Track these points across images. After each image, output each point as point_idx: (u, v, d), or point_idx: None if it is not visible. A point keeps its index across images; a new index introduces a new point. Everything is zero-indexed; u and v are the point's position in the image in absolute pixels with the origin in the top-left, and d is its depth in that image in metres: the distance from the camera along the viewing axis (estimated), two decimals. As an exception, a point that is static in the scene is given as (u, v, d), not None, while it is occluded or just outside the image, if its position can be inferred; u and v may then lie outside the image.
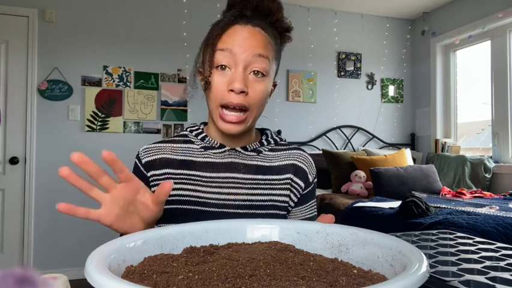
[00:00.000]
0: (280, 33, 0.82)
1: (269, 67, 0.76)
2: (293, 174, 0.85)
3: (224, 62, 0.74)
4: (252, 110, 0.76)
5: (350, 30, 4.10)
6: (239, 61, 0.74)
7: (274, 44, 0.78)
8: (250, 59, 0.74)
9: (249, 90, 0.74)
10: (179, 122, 3.50)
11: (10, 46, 3.10)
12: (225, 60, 0.74)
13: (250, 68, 0.74)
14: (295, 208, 0.87)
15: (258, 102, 0.76)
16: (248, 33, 0.75)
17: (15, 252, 3.08)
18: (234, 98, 0.73)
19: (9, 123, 3.09)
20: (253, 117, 0.78)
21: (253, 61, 0.74)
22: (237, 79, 0.73)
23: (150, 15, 3.45)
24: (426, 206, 2.21)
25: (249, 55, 0.74)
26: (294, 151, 0.88)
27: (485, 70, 3.56)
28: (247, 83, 0.74)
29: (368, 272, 0.45)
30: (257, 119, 0.80)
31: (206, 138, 0.84)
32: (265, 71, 0.75)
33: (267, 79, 0.77)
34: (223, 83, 0.74)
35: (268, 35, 0.77)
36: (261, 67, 0.74)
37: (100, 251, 0.44)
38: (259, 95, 0.75)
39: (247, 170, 0.82)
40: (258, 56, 0.74)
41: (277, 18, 0.80)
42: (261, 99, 0.77)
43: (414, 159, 3.94)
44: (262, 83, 0.76)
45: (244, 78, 0.73)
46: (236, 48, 0.74)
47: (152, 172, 0.81)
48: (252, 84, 0.75)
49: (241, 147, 0.83)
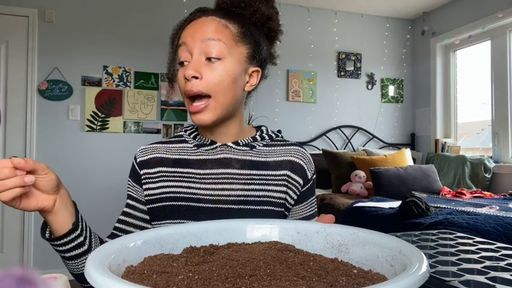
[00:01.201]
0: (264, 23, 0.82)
1: (225, 49, 0.75)
2: (290, 170, 0.84)
3: (182, 58, 0.76)
4: (215, 95, 0.75)
5: (350, 30, 4.09)
6: (193, 50, 0.75)
7: (234, 28, 0.77)
8: (201, 45, 0.74)
9: (204, 75, 0.74)
10: (179, 122, 3.50)
11: (10, 46, 3.10)
12: (183, 54, 0.76)
13: (204, 54, 0.75)
14: (295, 206, 0.86)
15: (217, 86, 0.74)
16: (200, 23, 0.77)
17: (15, 252, 3.08)
18: (188, 85, 0.74)
19: (9, 123, 3.09)
20: (220, 104, 0.76)
21: (204, 46, 0.74)
22: (188, 66, 0.74)
23: (150, 15, 3.45)
24: (426, 206, 2.21)
25: (199, 41, 0.74)
26: (291, 147, 0.87)
27: (485, 70, 3.56)
28: (200, 69, 0.74)
29: (368, 272, 0.45)
30: (230, 106, 0.78)
31: (198, 136, 0.85)
32: (220, 54, 0.74)
33: (225, 62, 0.75)
34: (182, 75, 0.76)
35: (224, 20, 0.77)
36: (214, 51, 0.74)
37: (100, 251, 0.44)
38: (216, 78, 0.74)
39: (240, 165, 0.82)
40: (208, 40, 0.74)
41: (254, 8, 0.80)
42: (221, 83, 0.74)
43: (414, 159, 3.94)
44: (219, 66, 0.74)
45: (195, 64, 0.74)
46: (188, 39, 0.75)
47: (145, 170, 0.83)
48: (206, 69, 0.74)
49: (233, 142, 0.83)
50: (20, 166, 0.58)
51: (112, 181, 3.18)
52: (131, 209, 0.85)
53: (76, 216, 0.71)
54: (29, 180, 0.59)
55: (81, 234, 0.71)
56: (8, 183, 0.56)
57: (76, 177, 3.16)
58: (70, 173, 3.15)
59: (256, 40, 0.81)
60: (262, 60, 0.83)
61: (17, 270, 0.22)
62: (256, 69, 0.82)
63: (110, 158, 3.28)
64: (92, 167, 3.23)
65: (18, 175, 0.57)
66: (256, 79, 0.83)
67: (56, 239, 0.69)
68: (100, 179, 3.25)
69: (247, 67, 0.80)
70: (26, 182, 0.58)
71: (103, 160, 3.26)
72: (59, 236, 0.69)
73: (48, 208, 0.65)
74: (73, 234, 0.70)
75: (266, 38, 0.85)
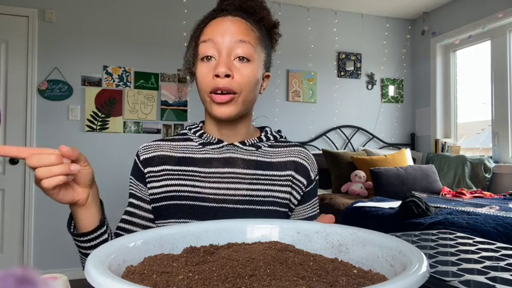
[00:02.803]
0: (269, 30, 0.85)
1: (253, 52, 0.77)
2: (294, 171, 0.85)
3: (208, 53, 0.76)
4: (241, 93, 0.77)
5: (350, 30, 4.09)
6: (222, 48, 0.76)
7: (257, 32, 0.80)
8: (232, 45, 0.76)
9: (235, 74, 0.75)
10: (179, 122, 3.50)
11: (10, 46, 3.10)
12: (209, 50, 0.76)
13: (234, 54, 0.76)
14: (298, 206, 0.87)
15: (245, 86, 0.76)
16: (228, 21, 0.78)
17: (15, 252, 3.08)
18: (220, 82, 0.75)
19: (9, 123, 3.09)
20: (243, 100, 0.78)
21: (235, 47, 0.76)
22: (221, 64, 0.74)
23: (150, 15, 3.45)
24: (426, 206, 2.21)
25: (231, 41, 0.76)
26: (294, 148, 0.88)
27: (485, 70, 3.56)
28: (231, 67, 0.75)
29: (368, 272, 0.45)
30: (248, 105, 0.80)
31: (204, 134, 0.85)
32: (249, 56, 0.76)
33: (253, 64, 0.77)
34: (209, 71, 0.76)
35: (249, 23, 0.79)
36: (244, 52, 0.76)
37: (100, 251, 0.44)
38: (245, 79, 0.76)
39: (246, 165, 0.82)
40: (239, 41, 0.76)
41: (262, 15, 0.82)
42: (249, 83, 0.77)
43: (414, 159, 3.94)
44: (247, 67, 0.76)
45: (228, 63, 0.75)
46: (218, 37, 0.76)
47: (149, 168, 0.82)
48: (237, 68, 0.76)
49: (240, 142, 0.84)
50: (67, 154, 0.58)
51: (112, 181, 3.18)
52: (135, 209, 0.84)
53: (103, 213, 0.72)
54: (75, 169, 0.59)
55: (106, 231, 0.72)
56: (54, 170, 0.56)
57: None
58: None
59: (268, 46, 0.84)
60: (269, 65, 0.86)
61: (17, 270, 0.22)
62: (268, 74, 0.86)
63: (110, 158, 3.28)
64: (92, 167, 3.22)
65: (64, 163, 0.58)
66: (266, 83, 0.86)
67: (84, 234, 0.69)
68: (100, 179, 3.23)
69: (263, 71, 0.83)
70: (72, 170, 0.58)
71: (103, 160, 3.26)
72: (87, 232, 0.69)
73: (82, 201, 0.66)
74: (99, 231, 0.70)
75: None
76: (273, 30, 0.86)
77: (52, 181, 0.56)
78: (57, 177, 0.57)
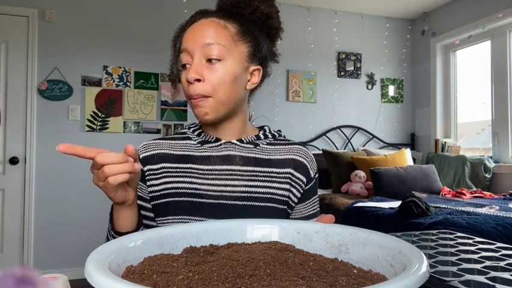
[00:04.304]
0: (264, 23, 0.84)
1: (224, 51, 0.77)
2: (293, 169, 0.85)
3: (184, 61, 0.79)
4: (216, 94, 0.77)
5: (350, 30, 4.09)
6: (194, 54, 0.77)
7: (234, 28, 0.79)
8: (202, 50, 0.76)
9: (206, 77, 0.76)
10: (179, 122, 3.50)
11: (10, 46, 3.10)
12: (185, 58, 0.79)
13: (205, 57, 0.77)
14: (298, 204, 0.87)
15: (219, 86, 0.76)
16: (198, 26, 0.78)
17: (15, 252, 3.08)
18: (192, 89, 0.76)
19: (9, 123, 3.09)
20: (220, 101, 0.77)
21: (204, 51, 0.76)
22: (190, 70, 0.76)
23: (150, 15, 3.45)
24: (426, 206, 2.21)
25: (200, 46, 0.76)
26: (293, 146, 0.88)
27: (485, 70, 3.56)
28: (201, 71, 0.76)
29: (368, 272, 0.45)
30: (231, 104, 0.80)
31: (202, 133, 0.86)
32: (219, 56, 0.76)
33: (226, 62, 0.77)
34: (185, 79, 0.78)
35: (223, 20, 0.79)
36: (213, 53, 0.76)
37: (100, 251, 0.44)
38: (217, 79, 0.76)
39: (244, 162, 0.83)
40: (207, 45, 0.76)
41: (254, 7, 0.82)
42: (222, 83, 0.77)
43: (414, 159, 3.94)
44: (219, 67, 0.76)
45: (197, 67, 0.76)
46: (189, 44, 0.78)
47: (148, 167, 0.83)
48: (208, 71, 0.76)
49: (237, 139, 0.84)
50: (134, 154, 0.61)
51: (112, 181, 3.18)
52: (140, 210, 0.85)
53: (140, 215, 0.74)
54: (138, 168, 0.62)
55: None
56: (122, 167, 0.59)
57: (76, 177, 3.16)
58: (70, 173, 3.15)
59: (257, 38, 0.82)
60: (263, 58, 0.84)
61: (17, 270, 0.22)
62: (258, 68, 0.83)
63: (110, 158, 3.28)
64: (92, 167, 3.22)
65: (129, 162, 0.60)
66: (257, 77, 0.84)
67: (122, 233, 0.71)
68: (100, 179, 3.25)
69: (248, 66, 0.81)
70: (136, 168, 0.61)
71: (103, 160, 3.26)
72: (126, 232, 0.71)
73: (130, 201, 0.68)
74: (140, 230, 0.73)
75: (267, 36, 0.86)
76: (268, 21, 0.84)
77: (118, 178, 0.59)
78: (124, 175, 0.59)
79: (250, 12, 0.81)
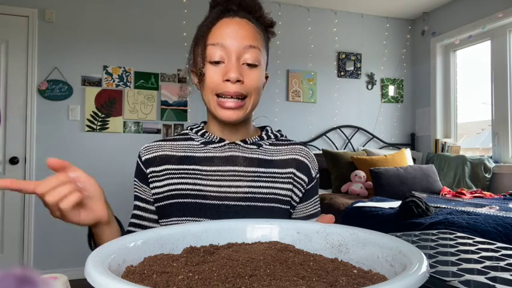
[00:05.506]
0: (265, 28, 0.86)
1: (260, 57, 0.79)
2: (295, 169, 0.85)
3: (217, 57, 0.77)
4: (250, 97, 0.79)
5: (350, 30, 4.09)
6: (231, 53, 0.76)
7: (262, 35, 0.81)
8: (242, 50, 0.76)
9: (244, 79, 0.77)
10: (179, 122, 3.50)
11: (10, 46, 3.10)
12: (218, 54, 0.76)
13: (243, 59, 0.77)
14: (300, 204, 0.87)
15: (254, 90, 0.79)
16: (236, 24, 0.78)
17: (15, 252, 3.08)
18: (231, 87, 0.76)
19: (9, 123, 3.09)
20: (251, 105, 0.80)
21: (244, 52, 0.77)
22: (232, 69, 0.75)
23: (150, 15, 3.45)
24: (426, 206, 2.21)
25: (240, 46, 0.76)
26: (295, 146, 0.89)
27: (485, 70, 3.56)
28: (242, 72, 0.76)
29: (368, 272, 0.45)
30: (254, 108, 0.82)
31: (206, 134, 0.85)
32: (257, 61, 0.78)
33: (260, 68, 0.79)
34: (218, 75, 0.77)
35: (255, 26, 0.80)
36: (253, 57, 0.77)
37: (100, 251, 0.44)
38: (254, 83, 0.78)
39: (248, 163, 0.83)
40: (249, 47, 0.77)
41: (259, 14, 0.83)
42: (257, 87, 0.79)
43: (414, 159, 3.94)
44: (255, 72, 0.78)
45: (238, 67, 0.76)
46: (227, 40, 0.76)
47: (151, 169, 0.83)
48: (246, 73, 0.77)
49: (241, 140, 0.85)
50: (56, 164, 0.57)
51: (112, 181, 3.18)
52: (143, 212, 0.84)
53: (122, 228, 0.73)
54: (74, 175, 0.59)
55: None
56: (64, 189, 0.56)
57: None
58: (70, 173, 3.15)
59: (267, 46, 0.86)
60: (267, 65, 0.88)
61: (17, 270, 0.22)
62: (267, 75, 0.88)
63: (110, 158, 3.28)
64: (92, 167, 3.22)
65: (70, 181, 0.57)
66: (266, 84, 0.88)
67: None
68: (100, 179, 3.21)
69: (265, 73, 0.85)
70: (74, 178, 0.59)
71: (103, 160, 3.26)
72: None
73: (104, 218, 0.65)
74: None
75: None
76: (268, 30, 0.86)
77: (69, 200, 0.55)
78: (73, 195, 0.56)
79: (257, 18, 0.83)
